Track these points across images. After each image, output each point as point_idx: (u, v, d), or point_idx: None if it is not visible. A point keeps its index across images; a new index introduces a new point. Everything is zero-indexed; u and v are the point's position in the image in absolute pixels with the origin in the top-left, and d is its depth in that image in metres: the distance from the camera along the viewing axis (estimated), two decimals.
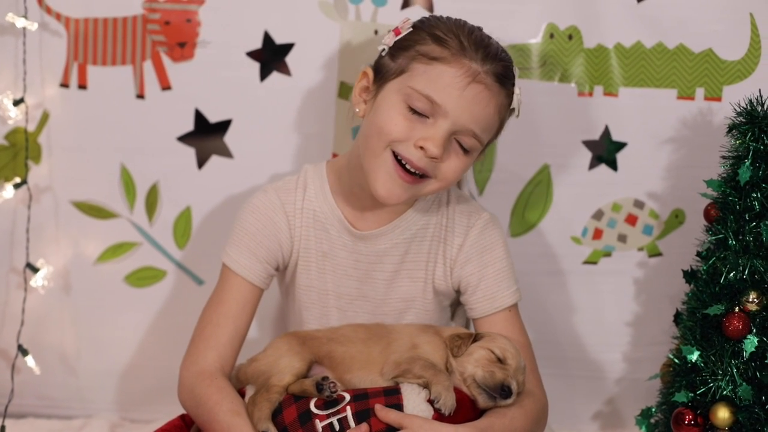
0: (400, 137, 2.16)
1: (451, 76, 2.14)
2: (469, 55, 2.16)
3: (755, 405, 2.35)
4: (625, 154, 2.75)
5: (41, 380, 2.78)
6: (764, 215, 2.37)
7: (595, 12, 2.69)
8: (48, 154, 2.73)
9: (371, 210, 2.33)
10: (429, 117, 2.15)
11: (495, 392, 2.09)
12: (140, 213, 2.77)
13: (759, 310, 2.36)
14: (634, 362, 2.84)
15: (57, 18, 2.66)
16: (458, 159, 2.20)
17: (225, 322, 2.27)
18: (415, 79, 2.16)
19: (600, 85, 2.72)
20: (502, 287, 2.32)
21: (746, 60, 2.69)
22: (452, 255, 2.34)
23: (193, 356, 2.26)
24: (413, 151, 2.15)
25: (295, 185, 2.36)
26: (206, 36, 2.68)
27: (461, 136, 2.17)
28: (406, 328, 2.25)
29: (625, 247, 2.81)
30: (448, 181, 2.22)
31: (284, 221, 2.33)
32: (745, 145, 2.37)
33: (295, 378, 2.13)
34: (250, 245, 2.31)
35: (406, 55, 2.19)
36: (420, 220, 2.34)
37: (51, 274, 2.76)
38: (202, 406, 2.16)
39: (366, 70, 2.27)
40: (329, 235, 2.34)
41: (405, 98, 2.16)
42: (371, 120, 2.22)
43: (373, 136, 2.19)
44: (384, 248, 2.34)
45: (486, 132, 2.21)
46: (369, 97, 2.26)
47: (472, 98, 2.15)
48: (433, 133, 2.14)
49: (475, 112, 2.16)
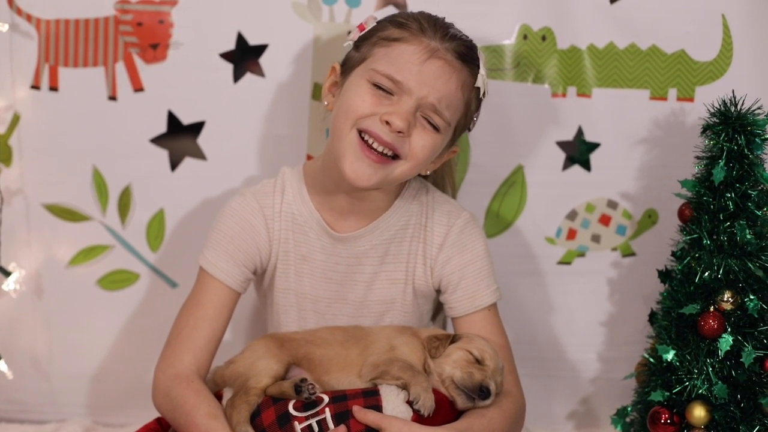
0: (366, 112, 2.18)
1: (410, 53, 2.19)
2: (428, 34, 2.21)
3: (731, 403, 2.38)
4: (598, 155, 2.76)
5: (13, 384, 2.77)
6: (738, 215, 2.39)
7: (568, 13, 2.70)
8: (19, 156, 2.72)
9: (349, 210, 2.33)
10: (393, 95, 2.19)
11: (474, 393, 2.10)
12: (113, 216, 2.76)
13: (734, 309, 2.39)
14: (609, 362, 2.86)
15: (28, 19, 2.65)
16: (426, 135, 2.21)
17: (202, 325, 2.27)
18: (377, 62, 2.21)
19: (573, 86, 2.73)
20: (482, 286, 2.34)
21: (718, 61, 2.71)
22: (432, 254, 2.35)
23: (168, 359, 2.26)
24: (379, 125, 2.18)
25: (273, 188, 2.36)
26: (179, 37, 2.67)
27: (426, 111, 2.20)
28: (383, 330, 2.26)
29: (598, 247, 2.82)
30: (417, 159, 2.22)
31: (263, 225, 2.33)
32: (719, 145, 2.40)
33: (273, 380, 2.14)
34: (229, 249, 2.31)
35: (368, 42, 2.25)
36: (399, 220, 2.35)
37: (23, 278, 2.75)
38: (178, 409, 2.16)
39: (334, 65, 2.32)
40: (308, 238, 2.35)
41: (369, 78, 2.20)
42: (338, 105, 2.25)
43: (340, 117, 2.22)
44: (363, 250, 2.35)
45: (450, 109, 2.23)
46: (337, 90, 2.30)
47: (432, 72, 2.18)
48: (398, 108, 2.18)
49: (436, 86, 2.19)
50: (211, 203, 2.74)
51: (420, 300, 2.40)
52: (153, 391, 2.26)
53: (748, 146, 2.38)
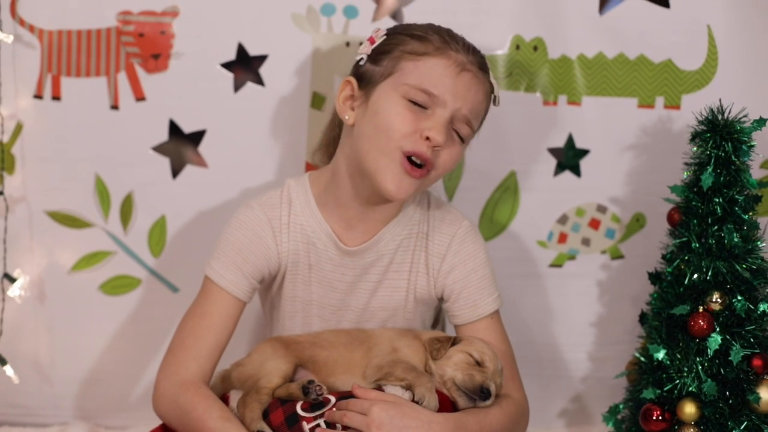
0: (409, 130, 2.16)
1: (443, 66, 2.18)
2: (453, 47, 2.21)
3: (720, 400, 2.39)
4: (588, 161, 2.77)
5: (16, 389, 2.76)
6: (726, 219, 2.40)
7: (559, 24, 2.71)
8: (22, 164, 2.72)
9: (358, 220, 2.32)
10: (428, 108, 2.18)
11: (474, 394, 2.12)
12: (115, 222, 2.75)
13: (722, 309, 2.40)
14: (599, 361, 2.86)
15: (30, 30, 2.65)
16: (455, 148, 2.23)
17: (207, 334, 2.25)
18: (407, 76, 2.19)
19: (564, 94, 2.74)
20: (484, 295, 2.34)
21: (704, 70, 2.72)
22: (435, 265, 2.35)
23: (173, 366, 2.23)
24: (421, 143, 2.17)
25: (279, 200, 2.35)
26: (180, 47, 2.67)
27: (458, 123, 2.20)
28: (385, 332, 2.27)
29: (588, 250, 2.82)
30: (445, 170, 2.24)
31: (271, 237, 2.32)
32: (707, 152, 2.41)
33: (283, 380, 2.15)
34: (237, 260, 2.29)
35: (391, 56, 2.22)
36: (403, 230, 2.35)
37: (26, 284, 2.75)
38: (188, 414, 2.15)
39: (349, 79, 2.28)
40: (316, 249, 2.34)
41: (403, 94, 2.18)
42: (371, 122, 2.21)
43: (381, 137, 2.18)
44: (370, 260, 2.35)
45: (477, 119, 2.26)
46: (357, 104, 2.26)
47: (464, 85, 2.19)
48: (435, 122, 2.17)
49: (468, 97, 2.20)
50: (212, 210, 2.74)
51: (422, 307, 2.40)
52: (156, 399, 2.23)
53: (735, 153, 2.39)
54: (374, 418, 2.04)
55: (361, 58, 2.27)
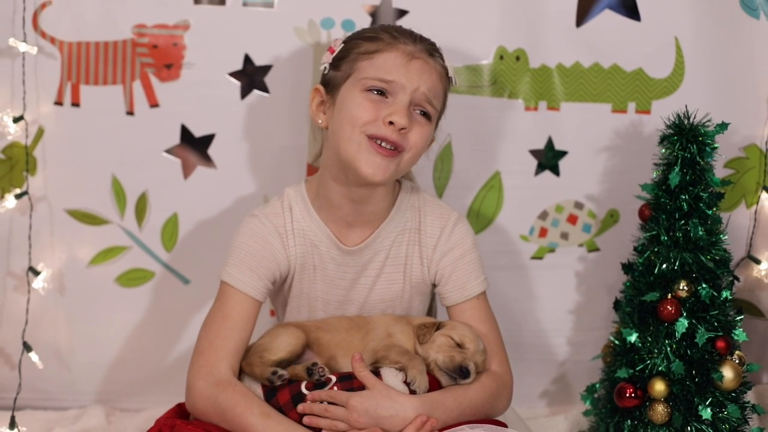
0: (370, 118, 2.24)
1: (394, 57, 2.27)
2: (402, 40, 2.29)
3: (687, 378, 2.47)
4: (566, 162, 2.84)
5: (37, 375, 2.80)
6: (692, 214, 2.48)
7: (539, 36, 2.77)
8: (43, 166, 2.77)
9: (354, 218, 2.38)
10: (388, 96, 2.26)
11: (455, 373, 2.20)
12: (130, 219, 2.81)
13: (688, 296, 2.48)
14: (577, 345, 2.93)
15: (52, 42, 2.71)
16: (421, 127, 2.28)
17: (232, 335, 2.28)
18: (364, 72, 2.27)
19: (544, 100, 2.79)
20: (472, 277, 2.38)
21: (672, 78, 2.78)
22: (428, 255, 2.40)
23: (206, 368, 2.24)
24: (384, 127, 2.23)
25: (281, 209, 2.39)
26: (191, 58, 2.73)
27: (420, 102, 2.27)
28: (382, 318, 2.36)
29: (567, 243, 2.89)
30: (417, 149, 2.29)
31: (279, 242, 2.36)
32: (675, 153, 2.47)
33: (289, 355, 2.23)
34: (252, 264, 2.32)
35: (348, 60, 2.30)
36: (397, 227, 2.40)
37: (48, 277, 2.79)
38: (229, 411, 2.18)
39: (317, 87, 2.35)
40: (319, 251, 2.39)
41: (362, 88, 2.26)
42: (338, 119, 2.29)
43: (347, 127, 2.26)
44: (368, 257, 2.40)
45: (437, 99, 2.31)
46: (327, 108, 2.33)
47: (416, 70, 2.27)
48: (396, 107, 2.24)
49: (423, 79, 2.27)
50: (221, 208, 2.80)
51: (417, 296, 2.45)
52: (193, 399, 2.23)
53: (700, 154, 2.47)
54: (353, 409, 2.15)
55: (324, 67, 2.35)
